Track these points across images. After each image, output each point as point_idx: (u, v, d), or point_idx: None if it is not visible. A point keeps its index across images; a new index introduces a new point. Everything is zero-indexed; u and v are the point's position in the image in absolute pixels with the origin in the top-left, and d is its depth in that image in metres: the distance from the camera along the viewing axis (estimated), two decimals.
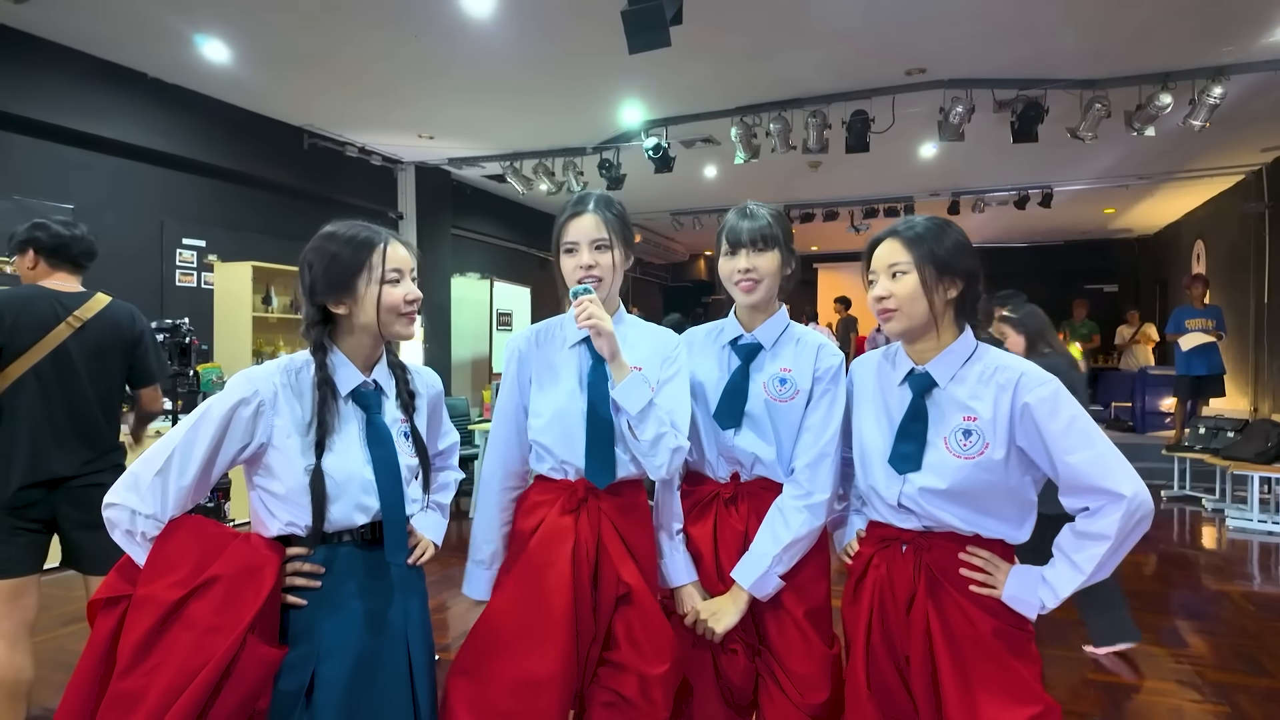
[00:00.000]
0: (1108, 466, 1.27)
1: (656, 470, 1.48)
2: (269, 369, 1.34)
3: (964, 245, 1.40)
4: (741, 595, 1.52)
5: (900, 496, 1.39)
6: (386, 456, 1.36)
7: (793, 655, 1.52)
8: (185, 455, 1.26)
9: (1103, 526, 1.26)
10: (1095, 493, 1.28)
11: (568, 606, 1.41)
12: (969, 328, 1.42)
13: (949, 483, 1.34)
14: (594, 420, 1.48)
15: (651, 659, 1.44)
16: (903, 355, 1.46)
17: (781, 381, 1.58)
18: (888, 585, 1.41)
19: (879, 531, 1.47)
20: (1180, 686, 2.92)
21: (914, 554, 1.39)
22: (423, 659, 1.43)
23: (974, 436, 1.34)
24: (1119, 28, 4.67)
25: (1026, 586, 1.33)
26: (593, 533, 1.48)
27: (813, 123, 5.79)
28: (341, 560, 1.34)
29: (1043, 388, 1.31)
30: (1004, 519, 1.36)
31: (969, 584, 1.35)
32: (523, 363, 1.59)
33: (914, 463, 1.38)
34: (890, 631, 1.40)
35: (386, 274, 1.34)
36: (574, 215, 1.54)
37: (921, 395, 1.40)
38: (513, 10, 4.44)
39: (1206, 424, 6.52)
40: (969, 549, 1.37)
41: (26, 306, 2.30)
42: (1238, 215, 8.23)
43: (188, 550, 1.25)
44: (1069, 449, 1.28)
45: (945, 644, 1.33)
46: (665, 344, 1.60)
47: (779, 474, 1.58)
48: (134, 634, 1.20)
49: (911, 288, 1.37)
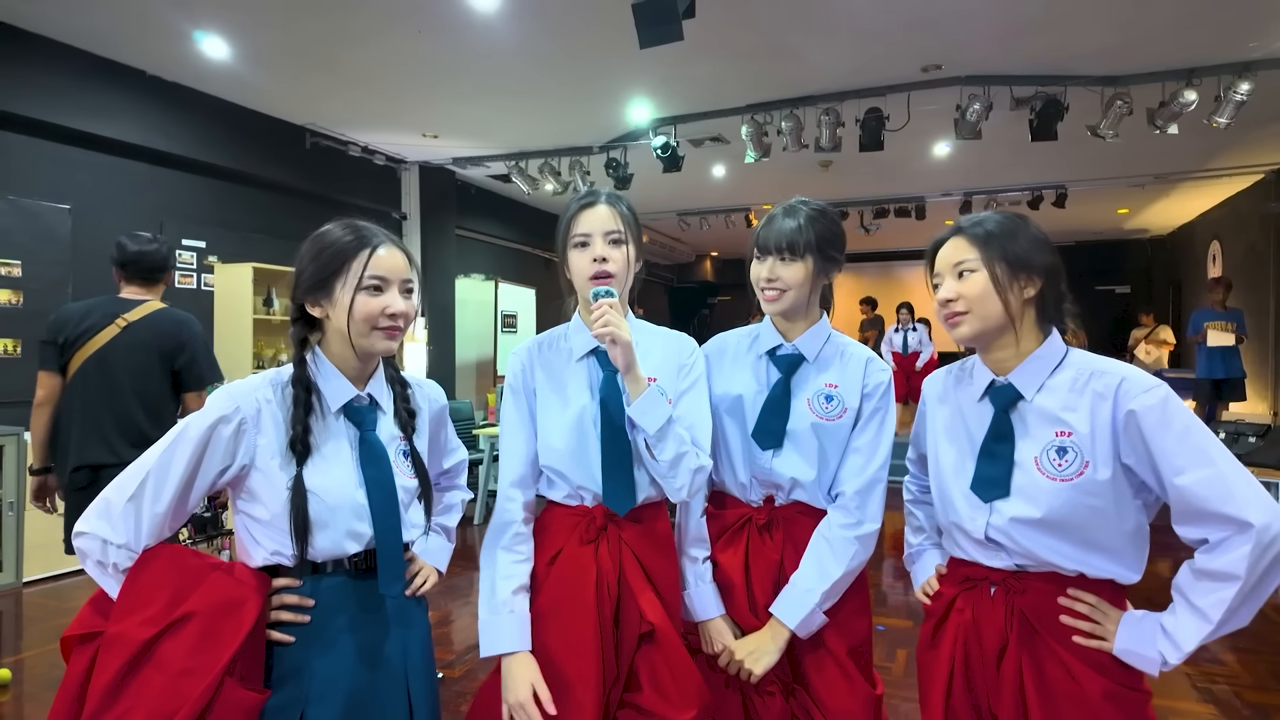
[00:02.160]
0: (1231, 489, 1.06)
1: (676, 493, 1.35)
2: (252, 384, 1.22)
3: (1040, 239, 1.25)
4: (783, 633, 1.38)
5: (988, 529, 1.22)
6: (381, 477, 1.23)
7: (834, 694, 1.39)
8: (160, 479, 1.14)
9: (1227, 564, 1.05)
10: (1215, 521, 1.07)
11: (595, 645, 1.29)
12: (1055, 331, 1.25)
13: (1044, 509, 1.16)
14: (609, 441, 1.35)
15: (679, 704, 1.30)
16: (980, 367, 1.29)
17: (828, 399, 1.43)
18: (973, 633, 1.23)
19: (963, 570, 1.29)
20: (1218, 707, 2.78)
21: (1005, 597, 1.21)
22: (423, 699, 1.30)
23: (1070, 454, 1.17)
24: (1142, 22, 4.53)
25: (1143, 639, 1.12)
26: (614, 565, 1.34)
27: (826, 121, 5.65)
28: (333, 592, 1.22)
29: (1149, 394, 1.12)
30: (1113, 555, 1.17)
31: (1072, 634, 1.17)
32: (530, 380, 1.44)
33: (1001, 488, 1.20)
34: (975, 686, 1.23)
35: (365, 280, 1.21)
36: (586, 206, 1.40)
37: (1005, 410, 1.23)
38: (518, 6, 4.32)
39: (1227, 429, 6.36)
40: (1071, 592, 1.18)
41: (89, 312, 2.63)
42: (1256, 216, 8.07)
43: (162, 583, 1.13)
44: (1181, 467, 1.08)
45: (1041, 705, 1.15)
46: (680, 351, 1.47)
47: (819, 499, 1.44)
48: (104, 676, 1.08)
49: (981, 286, 1.21)
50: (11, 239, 4.61)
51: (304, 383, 1.22)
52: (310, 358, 1.25)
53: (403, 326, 1.25)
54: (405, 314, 1.24)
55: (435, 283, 8.11)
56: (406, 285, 1.26)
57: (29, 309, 4.66)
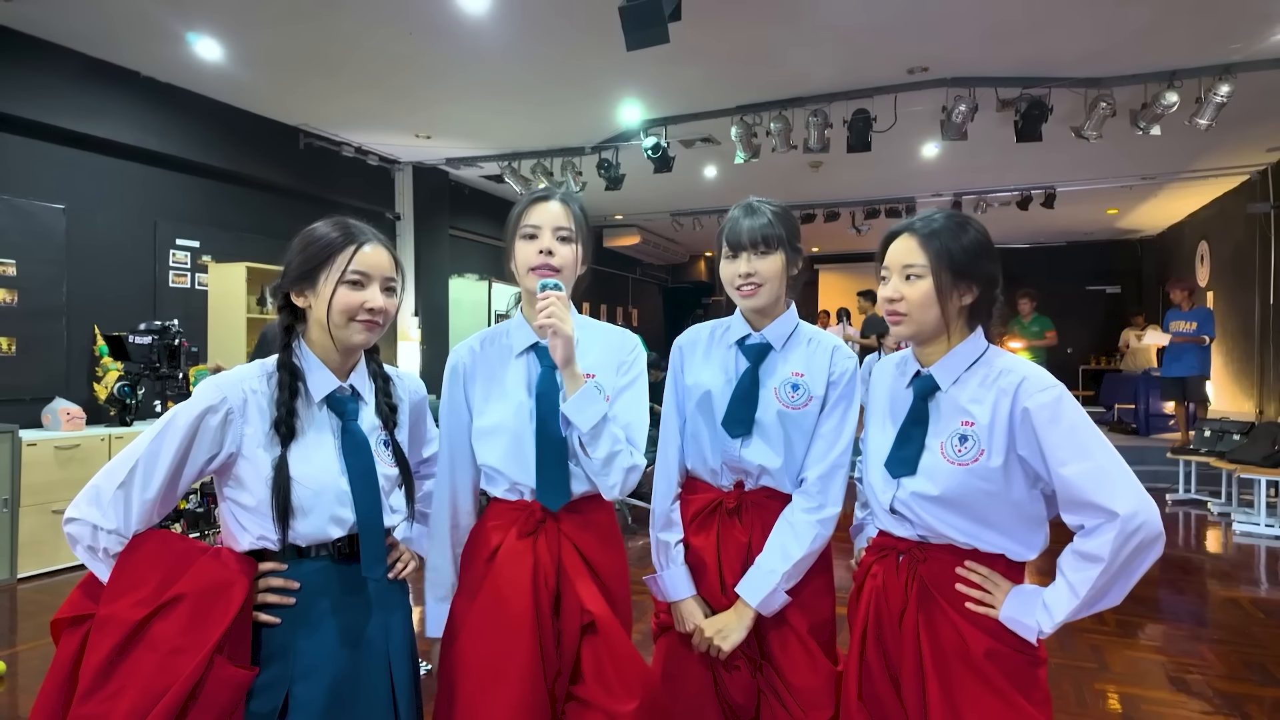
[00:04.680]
0: (1104, 481, 1.18)
1: (609, 491, 1.39)
2: (239, 374, 1.27)
3: (984, 247, 1.33)
4: (747, 612, 1.45)
5: (894, 501, 1.35)
6: (363, 466, 1.28)
7: (796, 671, 1.45)
8: (149, 467, 1.19)
9: (1095, 547, 1.17)
10: (1089, 509, 1.19)
11: (532, 636, 1.32)
12: (980, 330, 1.36)
13: (941, 489, 1.29)
14: (544, 437, 1.38)
15: (620, 695, 1.32)
16: (911, 358, 1.41)
17: (794, 387, 1.49)
18: (883, 596, 1.36)
19: (880, 540, 1.42)
20: (1190, 697, 2.85)
21: (909, 565, 1.34)
22: (405, 678, 1.35)
23: (970, 442, 1.28)
24: (1124, 25, 4.60)
25: (1025, 608, 1.25)
26: (552, 557, 1.38)
27: (814, 122, 5.71)
28: (317, 576, 1.27)
29: (1045, 393, 1.24)
30: (1006, 533, 1.29)
31: (965, 600, 1.29)
32: (468, 378, 1.48)
33: (909, 467, 1.33)
34: (884, 644, 1.35)
35: (348, 274, 1.27)
36: (539, 200, 1.45)
37: (924, 398, 1.35)
38: (509, 8, 4.37)
39: (1212, 427, 6.44)
40: (967, 564, 1.30)
41: None
42: (1242, 216, 8.15)
43: (152, 567, 1.18)
44: (1064, 459, 1.20)
45: (934, 661, 1.28)
46: (621, 347, 1.50)
47: (786, 484, 1.50)
48: (95, 656, 1.13)
49: (924, 293, 1.31)
50: (7, 239, 4.64)
51: (289, 367, 1.27)
52: (296, 347, 1.30)
53: (381, 322, 1.30)
54: (384, 310, 1.30)
55: (429, 283, 8.16)
56: (388, 283, 1.32)
57: (24, 308, 4.69)
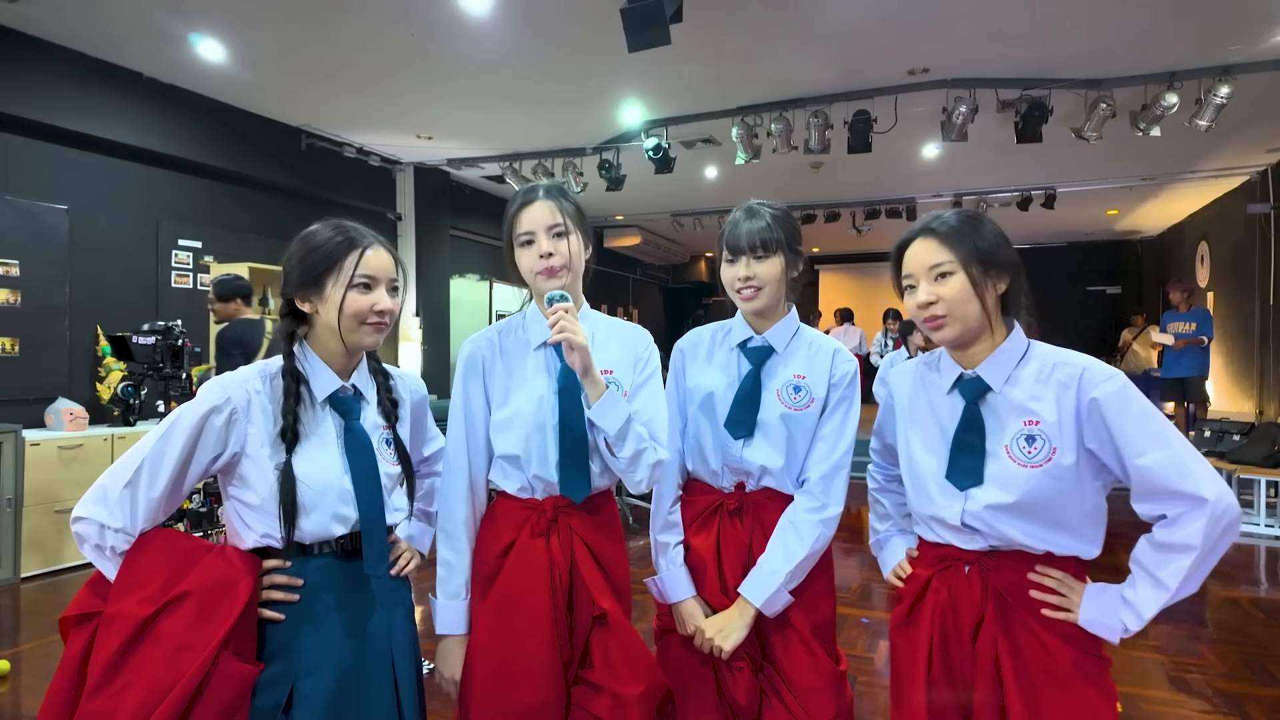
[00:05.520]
0: (1187, 468, 1.14)
1: (636, 485, 1.40)
2: (243, 374, 1.29)
3: (1001, 235, 1.30)
4: (749, 611, 1.45)
5: (964, 515, 1.27)
6: (365, 464, 1.30)
7: (799, 671, 1.45)
8: (155, 466, 1.20)
9: (1185, 536, 1.13)
10: (1173, 498, 1.15)
11: (550, 634, 1.35)
12: (1018, 325, 1.31)
13: (1017, 495, 1.22)
14: (566, 430, 1.39)
15: (627, 680, 1.36)
16: (947, 360, 1.34)
17: (796, 389, 1.50)
18: (950, 610, 1.29)
19: (936, 552, 1.34)
20: (1190, 697, 2.86)
21: (979, 575, 1.27)
22: (408, 673, 1.37)
23: (1039, 442, 1.23)
24: (1124, 27, 4.61)
25: (1106, 608, 1.20)
26: (565, 556, 1.40)
27: (814, 123, 5.72)
28: (320, 573, 1.28)
29: (1110, 382, 1.19)
30: (1076, 533, 1.24)
31: (1041, 607, 1.24)
32: (488, 369, 1.47)
33: (975, 477, 1.26)
34: (951, 660, 1.29)
35: (356, 278, 1.28)
36: (525, 204, 1.43)
37: (975, 402, 1.28)
38: (511, 9, 4.39)
39: (1212, 427, 6.44)
40: (1039, 568, 1.25)
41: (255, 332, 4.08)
42: (1242, 216, 8.15)
43: (158, 565, 1.19)
44: (1141, 449, 1.16)
45: (1015, 675, 1.22)
46: (636, 343, 1.51)
47: (787, 485, 1.51)
48: (103, 652, 1.15)
49: (960, 288, 1.24)
50: (9, 239, 4.66)
51: (293, 373, 1.29)
52: (298, 350, 1.32)
53: (388, 323, 1.33)
54: (391, 311, 1.33)
55: (430, 283, 8.17)
56: (393, 284, 1.34)
57: (27, 308, 4.71)
